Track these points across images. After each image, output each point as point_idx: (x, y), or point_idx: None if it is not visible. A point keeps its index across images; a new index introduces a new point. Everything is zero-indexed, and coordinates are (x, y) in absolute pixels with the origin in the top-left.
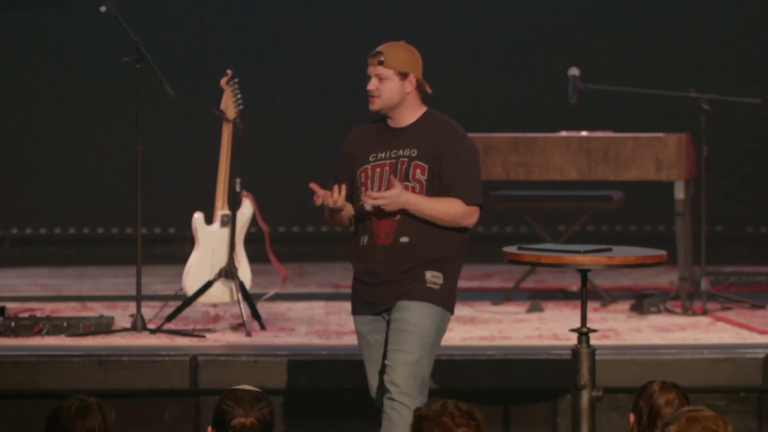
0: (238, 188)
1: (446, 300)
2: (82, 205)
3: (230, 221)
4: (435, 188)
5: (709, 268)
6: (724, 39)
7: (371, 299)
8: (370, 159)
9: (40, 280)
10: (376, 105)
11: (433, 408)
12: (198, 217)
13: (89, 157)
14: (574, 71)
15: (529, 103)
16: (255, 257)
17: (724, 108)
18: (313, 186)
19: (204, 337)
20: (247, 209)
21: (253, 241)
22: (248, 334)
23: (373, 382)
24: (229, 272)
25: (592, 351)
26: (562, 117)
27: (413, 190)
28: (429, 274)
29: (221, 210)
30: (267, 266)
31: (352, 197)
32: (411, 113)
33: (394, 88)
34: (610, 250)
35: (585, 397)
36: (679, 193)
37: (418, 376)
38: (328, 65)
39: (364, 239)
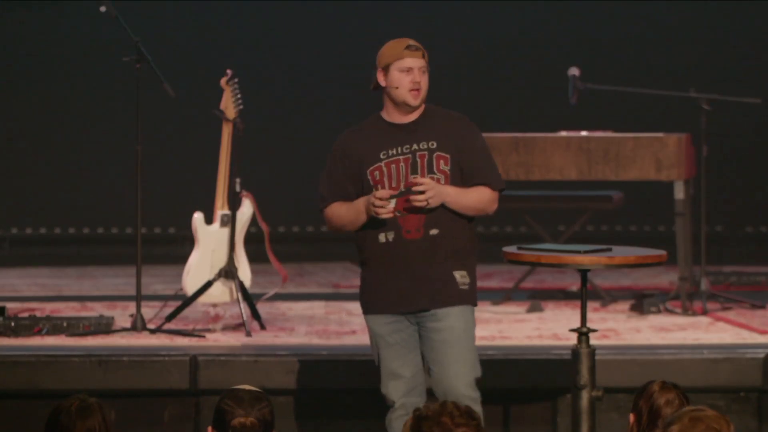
0: (238, 188)
1: (474, 296)
2: (82, 205)
3: (230, 221)
4: (457, 179)
5: (709, 268)
6: (724, 39)
7: (398, 298)
8: (381, 156)
9: (40, 280)
10: (418, 99)
11: (433, 408)
12: (198, 217)
13: (89, 157)
14: (574, 71)
15: (529, 103)
16: (255, 257)
17: (724, 108)
18: (381, 198)
19: (204, 337)
20: (247, 209)
21: (253, 241)
22: (248, 334)
23: (388, 381)
24: (229, 272)
25: (592, 351)
26: (562, 117)
27: (438, 182)
28: (458, 275)
29: (221, 210)
30: (267, 266)
31: (362, 195)
32: (419, 108)
33: (428, 81)
34: (610, 250)
35: (585, 397)
36: (679, 193)
37: (475, 378)
38: (329, 65)
39: (388, 236)
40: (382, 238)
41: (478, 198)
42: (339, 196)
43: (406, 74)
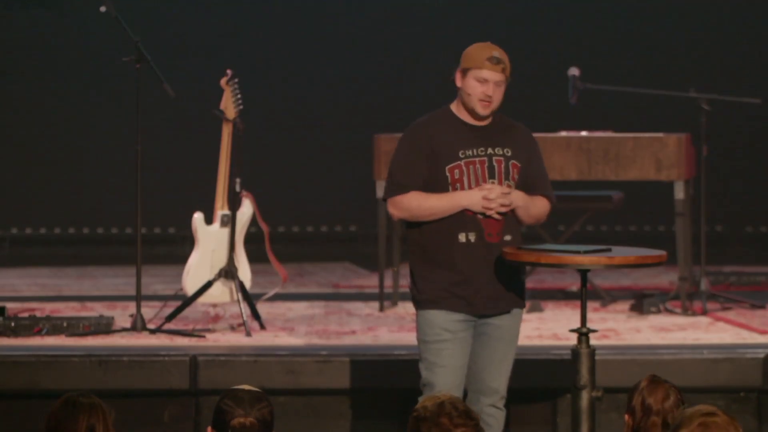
0: (238, 188)
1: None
2: (82, 205)
3: (230, 221)
4: (521, 188)
5: (709, 268)
6: (724, 39)
7: (477, 299)
8: (461, 155)
9: (40, 280)
10: (488, 110)
11: (431, 409)
12: (198, 217)
13: (89, 157)
14: (574, 71)
15: (529, 103)
16: (255, 257)
17: (724, 108)
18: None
19: (204, 337)
20: (247, 209)
21: (253, 241)
22: (248, 334)
23: (446, 378)
24: (229, 272)
25: (592, 351)
26: (562, 117)
27: (510, 188)
28: (521, 280)
29: (221, 210)
30: (267, 266)
31: (432, 190)
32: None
33: (503, 94)
34: (610, 250)
35: (585, 397)
36: (679, 193)
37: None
38: (329, 65)
39: (470, 236)
40: (462, 237)
41: (542, 209)
42: (416, 185)
43: (480, 84)
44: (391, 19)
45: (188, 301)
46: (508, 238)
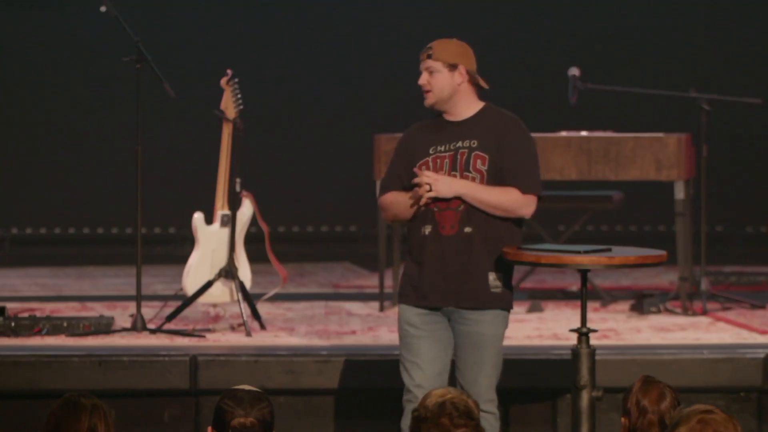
0: (238, 188)
1: (508, 300)
2: (82, 205)
3: (230, 221)
4: (496, 179)
5: (709, 268)
6: (724, 39)
7: (429, 292)
8: (430, 152)
9: (40, 280)
10: (429, 99)
11: (431, 409)
12: (198, 217)
13: (89, 157)
14: (574, 71)
15: (529, 103)
16: (255, 257)
17: (724, 108)
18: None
19: (204, 337)
20: (247, 209)
21: (253, 241)
22: (248, 334)
23: (414, 373)
24: (229, 272)
25: (592, 351)
26: (562, 117)
27: (473, 180)
28: (491, 278)
29: (221, 210)
30: (267, 266)
31: (411, 189)
32: (467, 106)
33: (444, 80)
34: (610, 250)
35: (585, 397)
36: (679, 193)
37: (495, 380)
38: (329, 65)
39: (426, 229)
40: (422, 231)
41: (501, 197)
42: (394, 186)
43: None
44: (391, 19)
45: (188, 301)
46: (468, 230)
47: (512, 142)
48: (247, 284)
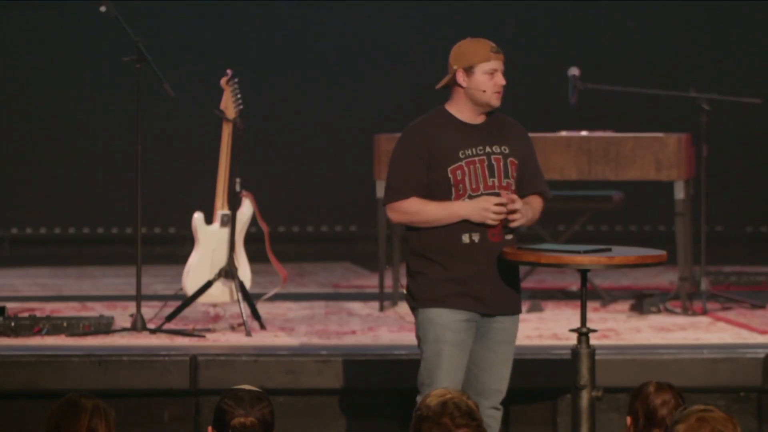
0: (238, 188)
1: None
2: (82, 205)
3: (230, 221)
4: (518, 185)
5: (709, 268)
6: (724, 39)
7: (484, 297)
8: (461, 156)
9: (40, 280)
10: (500, 101)
11: (433, 408)
12: (198, 217)
13: (89, 157)
14: (574, 71)
15: (529, 103)
16: (255, 257)
17: (724, 108)
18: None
19: (204, 337)
20: (247, 209)
21: (253, 241)
22: (248, 334)
23: (444, 381)
24: (229, 272)
25: (592, 351)
26: (562, 117)
27: (509, 186)
28: (518, 283)
29: (221, 210)
30: (267, 266)
31: (433, 194)
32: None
33: None
34: (610, 250)
35: (585, 397)
36: (679, 193)
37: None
38: (329, 65)
39: (473, 237)
40: (465, 238)
41: (536, 211)
42: (415, 191)
43: (490, 76)
44: (391, 18)
45: (188, 301)
46: (509, 237)
47: (531, 149)
48: (247, 284)
